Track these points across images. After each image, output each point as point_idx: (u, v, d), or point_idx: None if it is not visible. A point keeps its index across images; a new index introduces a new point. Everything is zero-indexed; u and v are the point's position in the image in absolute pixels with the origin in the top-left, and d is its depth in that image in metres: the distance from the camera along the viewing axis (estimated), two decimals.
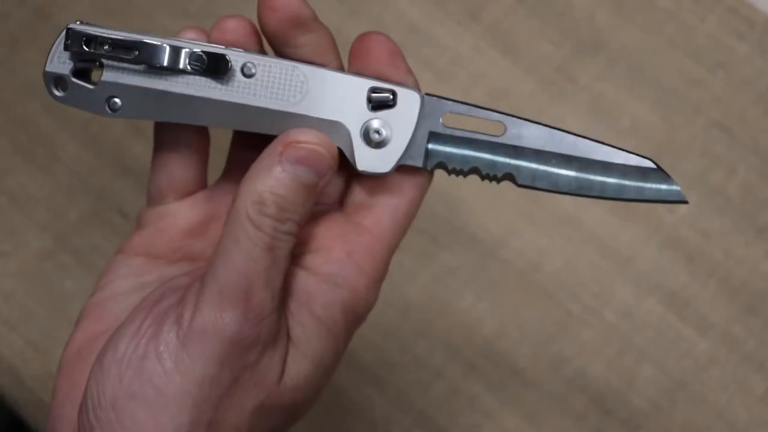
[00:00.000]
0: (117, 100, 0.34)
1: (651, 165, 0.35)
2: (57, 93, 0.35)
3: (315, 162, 0.32)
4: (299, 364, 0.33)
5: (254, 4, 0.35)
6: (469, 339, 0.55)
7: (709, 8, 0.59)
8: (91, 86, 0.34)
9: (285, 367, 0.32)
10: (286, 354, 0.32)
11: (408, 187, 0.35)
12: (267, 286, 0.31)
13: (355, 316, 0.34)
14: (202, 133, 0.37)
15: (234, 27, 0.35)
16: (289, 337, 0.33)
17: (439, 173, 0.36)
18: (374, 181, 0.36)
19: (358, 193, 0.36)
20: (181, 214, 0.37)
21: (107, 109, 0.34)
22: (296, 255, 0.34)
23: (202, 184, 0.38)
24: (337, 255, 0.34)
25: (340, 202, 0.37)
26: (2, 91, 0.61)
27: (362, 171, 0.35)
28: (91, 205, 0.58)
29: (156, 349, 0.31)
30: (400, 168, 0.35)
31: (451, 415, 0.54)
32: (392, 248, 0.36)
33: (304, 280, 0.33)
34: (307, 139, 0.33)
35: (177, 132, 0.36)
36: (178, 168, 0.37)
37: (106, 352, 0.32)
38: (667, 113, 0.58)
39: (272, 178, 0.31)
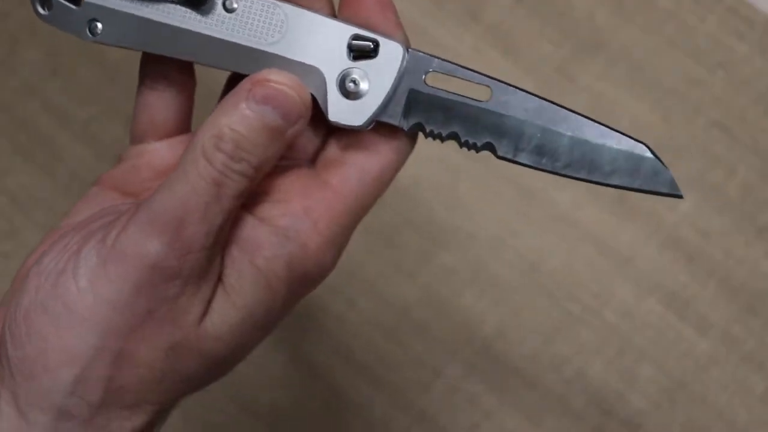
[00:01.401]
0: (98, 23, 0.34)
1: (645, 151, 0.32)
2: (42, 11, 0.35)
3: (283, 103, 0.31)
4: (226, 312, 0.32)
5: None
6: (469, 339, 0.55)
7: (709, 8, 0.59)
8: (74, 6, 0.34)
9: (209, 311, 0.32)
10: (211, 297, 0.32)
11: (384, 148, 0.34)
12: (203, 221, 0.30)
13: (302, 275, 0.33)
14: (186, 72, 0.36)
15: None
16: (222, 282, 0.32)
17: (430, 155, 0.34)
18: (350, 138, 0.34)
19: (331, 150, 0.35)
20: (157, 154, 0.36)
21: (88, 32, 0.34)
22: (254, 204, 0.33)
23: (185, 128, 0.37)
24: (294, 209, 0.33)
25: (314, 160, 0.36)
26: (2, 91, 0.61)
27: (334, 122, 0.33)
28: None
29: (74, 265, 0.30)
30: (378, 128, 0.33)
31: (451, 415, 0.54)
32: (355, 212, 0.34)
33: (253, 229, 0.32)
34: (279, 79, 0.31)
35: (159, 69, 0.36)
36: (159, 107, 0.36)
37: (32, 267, 0.31)
38: (667, 113, 0.58)
39: (236, 115, 0.31)
